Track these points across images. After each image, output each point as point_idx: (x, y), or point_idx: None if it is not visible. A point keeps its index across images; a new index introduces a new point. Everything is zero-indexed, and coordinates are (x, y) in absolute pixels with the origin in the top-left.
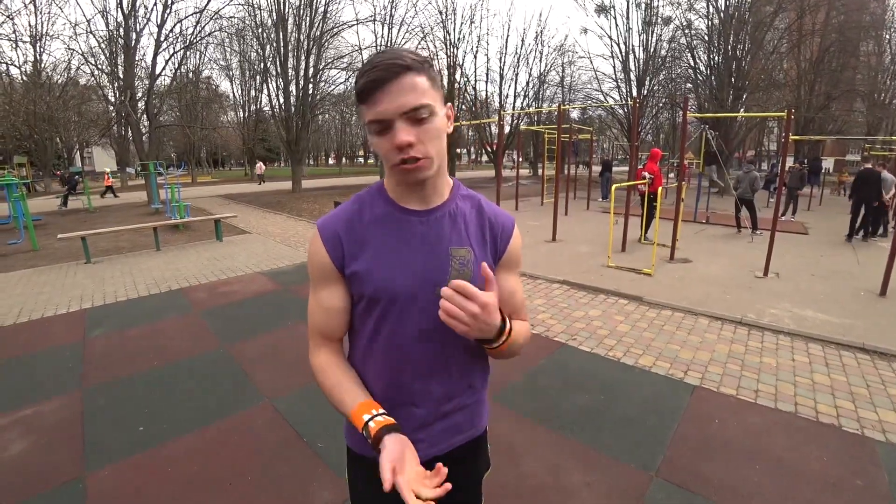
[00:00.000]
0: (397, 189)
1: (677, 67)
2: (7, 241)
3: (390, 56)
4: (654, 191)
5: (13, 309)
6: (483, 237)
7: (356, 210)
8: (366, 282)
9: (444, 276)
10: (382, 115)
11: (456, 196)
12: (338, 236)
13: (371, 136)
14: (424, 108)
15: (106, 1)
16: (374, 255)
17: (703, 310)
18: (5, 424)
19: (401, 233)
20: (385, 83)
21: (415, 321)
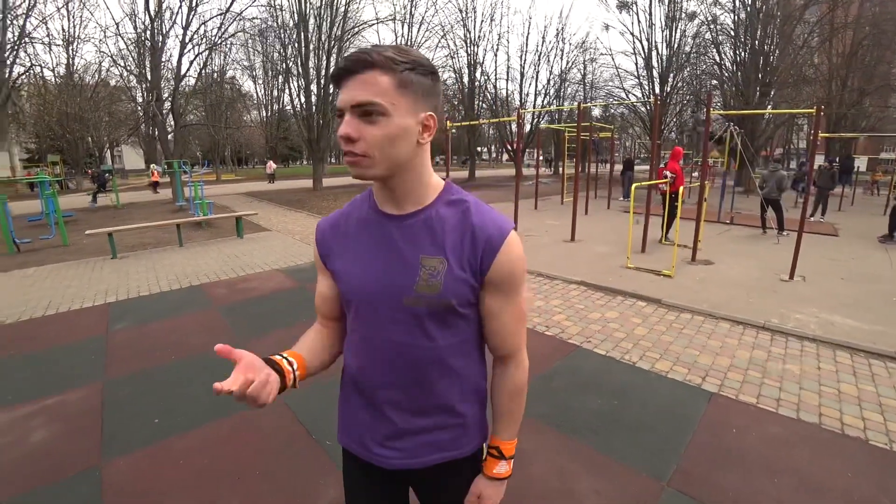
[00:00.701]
0: (378, 192)
1: (702, 64)
2: (39, 236)
3: (362, 51)
4: (675, 190)
5: (42, 301)
6: (461, 247)
7: (347, 211)
8: (340, 281)
9: (411, 285)
10: (340, 103)
11: (440, 202)
12: (325, 234)
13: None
14: (374, 105)
15: (134, 4)
16: (349, 255)
17: (724, 313)
18: (31, 412)
19: (375, 236)
20: (347, 75)
21: (382, 328)
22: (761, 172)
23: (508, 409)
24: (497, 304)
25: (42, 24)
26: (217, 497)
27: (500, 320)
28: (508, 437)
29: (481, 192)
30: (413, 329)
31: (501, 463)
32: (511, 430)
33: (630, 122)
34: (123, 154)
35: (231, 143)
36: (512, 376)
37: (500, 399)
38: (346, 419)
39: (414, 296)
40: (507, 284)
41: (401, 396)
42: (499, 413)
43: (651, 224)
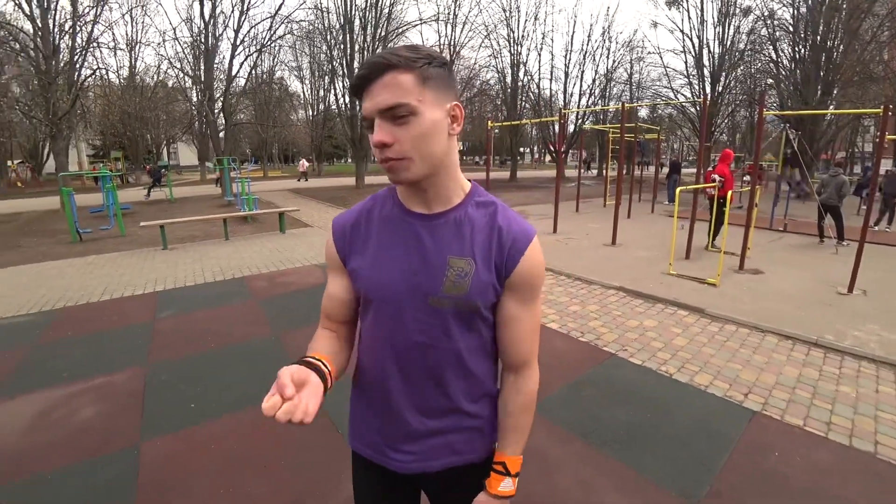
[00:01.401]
0: (404, 191)
1: (756, 62)
2: (100, 227)
3: (377, 55)
4: (724, 195)
5: (98, 288)
6: (489, 249)
7: (368, 208)
8: (360, 279)
9: (438, 286)
10: (366, 112)
11: (468, 202)
12: (345, 231)
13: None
14: (402, 107)
15: (190, 10)
16: (372, 254)
17: (772, 326)
18: (80, 391)
19: (401, 235)
20: (368, 82)
21: (405, 328)
22: (820, 177)
23: (518, 422)
24: (516, 309)
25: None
26: (242, 482)
27: (517, 326)
28: (515, 453)
29: (522, 194)
30: (436, 330)
31: (506, 480)
32: (519, 445)
33: (679, 123)
34: (179, 151)
35: (278, 142)
36: (524, 388)
37: (510, 411)
38: (359, 423)
39: (440, 296)
40: (528, 289)
41: (418, 398)
42: (508, 427)
43: (697, 229)
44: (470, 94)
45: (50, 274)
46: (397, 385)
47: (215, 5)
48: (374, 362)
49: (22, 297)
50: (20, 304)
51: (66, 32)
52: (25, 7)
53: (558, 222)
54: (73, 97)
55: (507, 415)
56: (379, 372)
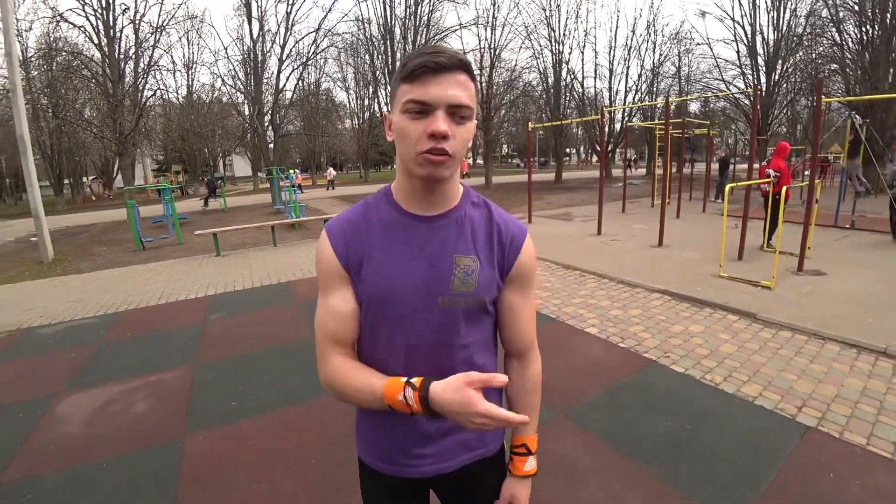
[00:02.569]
0: (405, 192)
1: (818, 46)
2: (160, 236)
3: (452, 50)
4: (779, 190)
5: (157, 292)
6: (491, 247)
7: (362, 213)
8: (367, 285)
9: (447, 285)
10: (429, 98)
11: (466, 202)
12: (344, 237)
13: (401, 116)
14: (468, 109)
15: (240, 30)
16: (377, 259)
17: (833, 333)
18: (136, 387)
19: (404, 238)
20: (442, 71)
21: (415, 331)
22: (893, 168)
23: (531, 403)
24: (518, 300)
25: (167, 54)
26: (274, 478)
27: (519, 315)
28: (533, 432)
29: (567, 195)
30: (446, 329)
31: (530, 459)
32: (535, 424)
33: (732, 116)
34: (233, 162)
35: (326, 150)
36: (531, 371)
37: (521, 394)
38: (369, 435)
39: (449, 295)
40: (525, 281)
41: None
42: (524, 410)
43: (750, 228)
44: (512, 96)
45: (116, 279)
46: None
47: (262, 24)
48: (380, 370)
49: (92, 301)
50: (90, 307)
51: (130, 58)
52: (95, 38)
53: (603, 223)
54: (137, 116)
55: (521, 398)
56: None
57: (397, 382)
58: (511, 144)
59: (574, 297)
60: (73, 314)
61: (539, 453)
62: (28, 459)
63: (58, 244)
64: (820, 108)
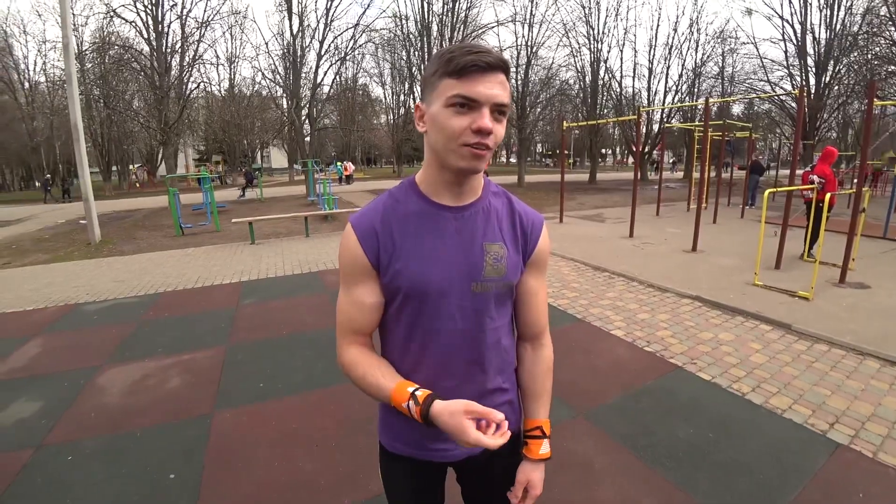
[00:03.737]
0: (434, 184)
1: (875, 46)
2: (199, 223)
3: (495, 51)
4: (822, 197)
5: (194, 276)
6: (515, 234)
7: (390, 205)
8: (401, 278)
9: (479, 272)
10: (477, 95)
11: (488, 192)
12: (373, 232)
13: (444, 110)
14: (506, 107)
15: (281, 25)
16: (409, 251)
17: (874, 349)
18: (171, 364)
19: (435, 229)
20: (490, 70)
21: (450, 318)
22: None
23: (545, 387)
24: (536, 283)
25: (210, 48)
26: (295, 457)
27: (536, 298)
28: (546, 416)
29: (601, 196)
30: (479, 314)
31: (544, 443)
32: (548, 407)
33: (778, 120)
34: (270, 154)
35: (362, 144)
36: (544, 354)
37: (536, 378)
38: (396, 424)
39: (482, 281)
40: (543, 265)
41: (461, 384)
42: (536, 392)
43: (790, 237)
44: (548, 94)
45: (156, 262)
46: (439, 377)
47: (302, 20)
48: (413, 359)
49: (134, 282)
50: (132, 288)
51: (177, 52)
52: (144, 33)
53: (635, 226)
54: (181, 108)
55: (536, 381)
56: (419, 367)
57: (403, 392)
58: (546, 143)
59: (601, 299)
60: (116, 293)
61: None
62: (70, 425)
63: (104, 227)
64: (871, 112)
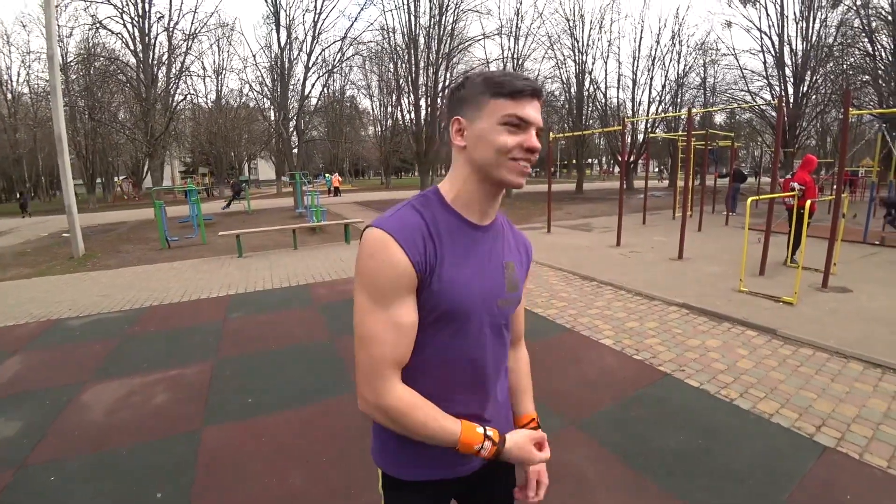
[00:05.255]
0: (467, 200)
1: (849, 56)
2: (185, 236)
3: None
4: (803, 204)
5: (181, 290)
6: (519, 252)
7: (429, 217)
8: (443, 296)
9: (503, 289)
10: (528, 116)
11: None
12: (420, 242)
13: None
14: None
15: (269, 38)
16: (450, 267)
17: (857, 352)
18: (156, 380)
19: (470, 246)
20: (535, 97)
21: (482, 336)
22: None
23: (529, 383)
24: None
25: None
26: (286, 473)
27: (522, 308)
28: (532, 410)
29: (588, 206)
30: (501, 329)
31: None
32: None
33: (758, 129)
34: (258, 166)
35: (349, 157)
36: (524, 355)
37: (521, 376)
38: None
39: (505, 297)
40: (526, 279)
41: (482, 399)
42: (524, 389)
43: (773, 243)
44: None
45: (142, 276)
46: (469, 395)
47: (290, 33)
48: (442, 381)
49: (119, 296)
50: (116, 302)
51: (163, 64)
52: (131, 44)
53: (622, 235)
54: (168, 120)
55: (523, 380)
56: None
57: (475, 434)
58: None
59: (590, 308)
60: (101, 308)
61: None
62: (53, 444)
63: (88, 241)
64: (847, 121)
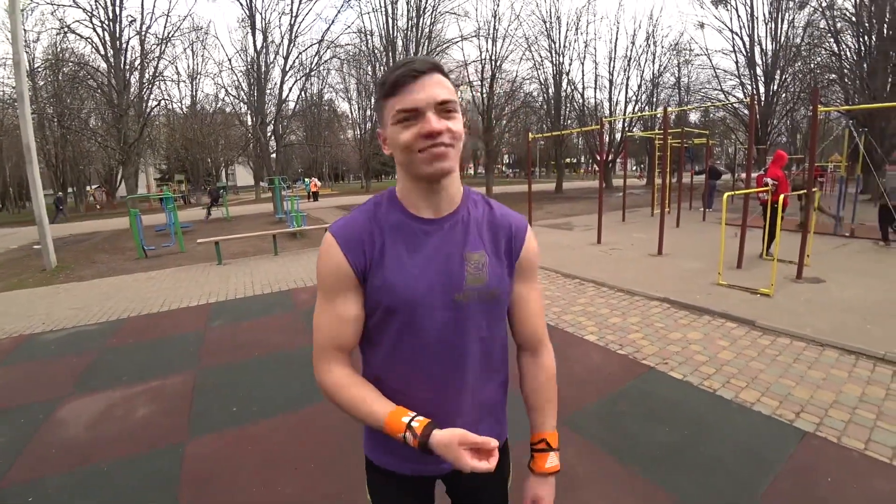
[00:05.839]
0: (411, 198)
1: (816, 56)
2: (162, 244)
3: (423, 57)
4: (777, 199)
5: (159, 300)
6: (496, 241)
7: (372, 216)
8: (383, 292)
9: (461, 282)
10: (415, 103)
11: (467, 202)
12: (357, 240)
13: (393, 128)
14: (452, 102)
15: (244, 41)
16: (391, 263)
17: (832, 340)
18: (138, 392)
19: (415, 242)
20: (420, 76)
21: (434, 332)
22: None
23: (548, 397)
24: (525, 289)
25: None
26: (275, 481)
27: (529, 304)
28: (552, 428)
29: (568, 205)
30: (464, 326)
31: (552, 455)
32: (554, 418)
33: (732, 126)
34: (236, 172)
35: (328, 161)
36: (545, 363)
37: (538, 389)
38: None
39: (465, 290)
40: (532, 270)
41: (453, 398)
42: (541, 403)
43: (750, 237)
44: (513, 107)
45: (118, 287)
46: (429, 393)
47: (266, 36)
48: (402, 376)
49: (94, 308)
50: (92, 314)
51: (136, 69)
52: (101, 49)
53: (602, 232)
54: (142, 126)
55: (540, 392)
56: (409, 384)
57: (398, 422)
58: (512, 155)
59: (573, 305)
60: (76, 321)
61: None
62: (30, 463)
63: (61, 252)
64: (816, 118)
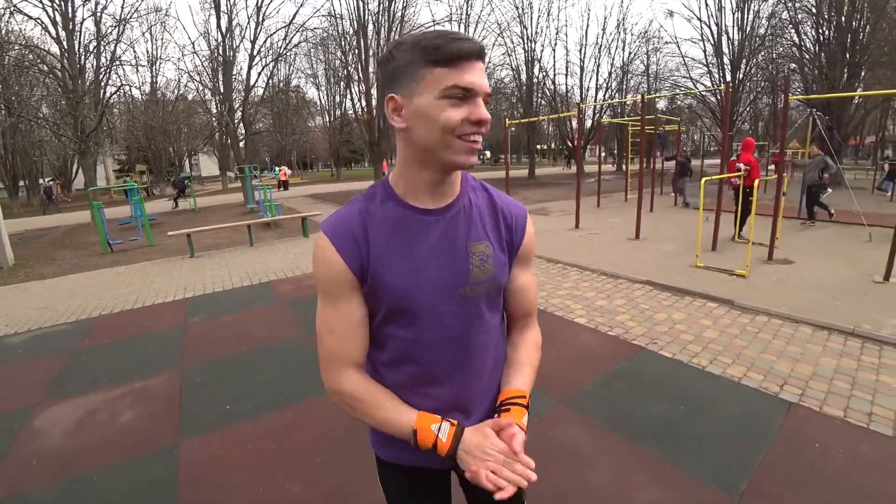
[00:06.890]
0: (411, 186)
1: (779, 46)
2: (129, 238)
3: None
4: (749, 184)
5: (131, 296)
6: (498, 230)
7: (365, 213)
8: (385, 290)
9: (467, 276)
10: (472, 84)
11: (467, 189)
12: (354, 241)
13: (438, 102)
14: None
15: (207, 24)
16: (390, 262)
17: (805, 317)
18: (120, 395)
19: (417, 236)
20: (478, 59)
21: (440, 328)
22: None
23: (532, 359)
24: (525, 276)
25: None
26: (279, 480)
27: (528, 289)
28: (529, 388)
29: (542, 191)
30: (472, 319)
31: (526, 414)
32: (532, 380)
33: (698, 113)
34: (200, 162)
35: (297, 149)
36: (535, 332)
37: (525, 351)
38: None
39: (471, 284)
40: (530, 258)
41: (456, 392)
42: (522, 363)
43: (723, 220)
44: None
45: (84, 284)
46: (432, 385)
47: (231, 18)
48: (408, 373)
49: (60, 307)
50: (59, 314)
51: (91, 53)
52: (52, 30)
53: (580, 218)
54: (100, 114)
55: (524, 354)
56: (415, 380)
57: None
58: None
59: (559, 290)
60: (41, 321)
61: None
62: (9, 477)
63: (17, 249)
64: (787, 106)
